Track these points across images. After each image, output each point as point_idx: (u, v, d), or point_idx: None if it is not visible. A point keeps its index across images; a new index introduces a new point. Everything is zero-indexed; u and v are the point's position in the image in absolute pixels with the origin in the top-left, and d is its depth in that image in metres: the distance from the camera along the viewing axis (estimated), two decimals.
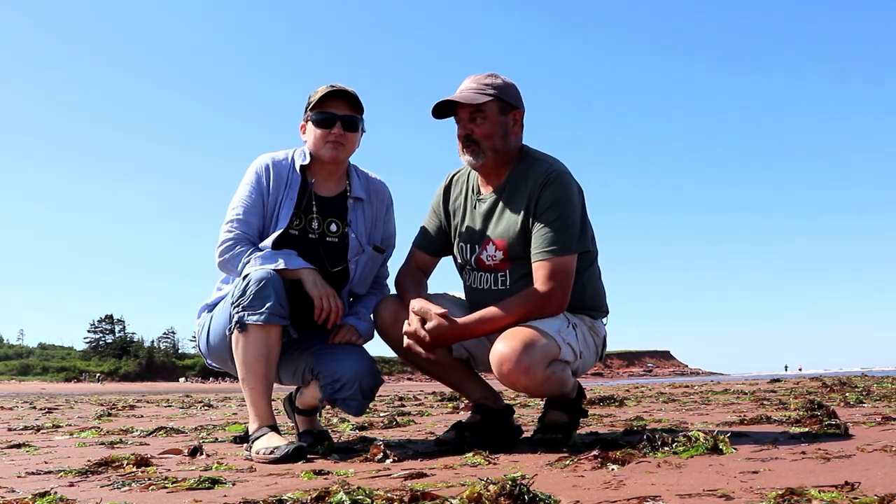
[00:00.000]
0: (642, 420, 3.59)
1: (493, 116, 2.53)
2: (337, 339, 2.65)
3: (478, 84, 2.55)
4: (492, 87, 2.53)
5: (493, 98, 2.52)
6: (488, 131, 2.52)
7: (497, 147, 2.54)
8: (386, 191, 2.85)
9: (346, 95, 2.63)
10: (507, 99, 2.56)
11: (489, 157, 2.54)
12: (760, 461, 1.95)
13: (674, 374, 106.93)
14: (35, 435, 4.01)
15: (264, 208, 2.64)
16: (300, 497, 1.55)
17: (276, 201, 2.64)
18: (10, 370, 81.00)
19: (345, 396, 2.57)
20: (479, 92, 2.52)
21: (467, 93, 2.53)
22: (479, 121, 2.52)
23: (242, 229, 2.61)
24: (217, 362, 2.72)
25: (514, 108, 2.58)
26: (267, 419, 2.49)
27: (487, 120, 2.52)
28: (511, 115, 2.58)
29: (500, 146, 2.55)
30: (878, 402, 4.37)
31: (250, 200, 2.63)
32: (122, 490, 1.90)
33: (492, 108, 2.53)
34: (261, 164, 2.68)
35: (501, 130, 2.55)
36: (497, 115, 2.54)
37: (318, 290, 2.52)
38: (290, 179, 2.67)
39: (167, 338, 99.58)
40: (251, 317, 2.42)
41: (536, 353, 2.32)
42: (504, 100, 2.55)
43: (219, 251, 2.61)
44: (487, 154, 2.53)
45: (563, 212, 2.48)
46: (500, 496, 1.44)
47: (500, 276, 2.59)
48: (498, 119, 2.54)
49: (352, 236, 2.72)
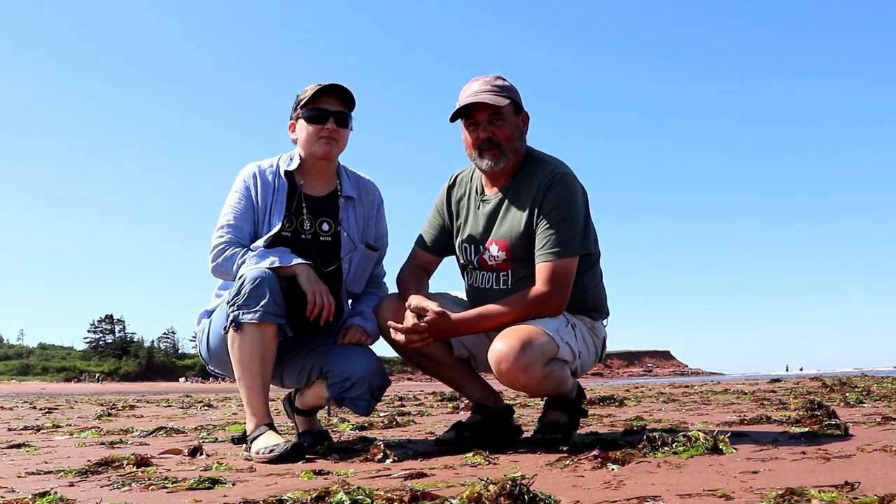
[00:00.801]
0: (642, 420, 3.59)
1: (511, 118, 2.54)
2: (346, 339, 2.65)
3: (491, 86, 2.53)
4: (505, 90, 2.54)
5: (510, 101, 2.53)
6: (509, 133, 2.52)
7: (517, 149, 2.55)
8: (376, 191, 2.86)
9: (337, 92, 2.64)
10: (519, 101, 2.58)
11: (511, 160, 2.54)
12: (760, 461, 1.95)
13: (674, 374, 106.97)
14: (35, 435, 4.01)
15: (255, 214, 2.65)
16: (300, 497, 1.55)
17: (265, 207, 2.65)
18: (10, 370, 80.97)
19: (354, 396, 2.57)
20: (496, 94, 2.51)
21: (487, 95, 2.50)
22: (498, 123, 2.52)
23: (234, 234, 2.62)
24: (219, 367, 2.71)
25: (522, 110, 2.60)
26: (264, 418, 2.49)
27: (506, 122, 2.52)
28: (521, 116, 2.59)
29: (519, 148, 2.56)
30: (878, 402, 4.38)
31: (240, 206, 2.65)
32: (122, 490, 1.90)
33: (509, 110, 2.53)
34: (248, 172, 2.70)
35: (518, 132, 2.56)
36: (513, 118, 2.55)
37: (312, 285, 2.51)
38: (277, 185, 2.68)
39: (167, 338, 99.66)
40: (246, 315, 2.42)
41: (534, 352, 2.32)
42: (517, 102, 2.56)
43: (211, 256, 2.62)
44: (510, 156, 2.53)
45: (567, 214, 2.48)
46: (500, 496, 1.44)
47: (503, 276, 2.59)
48: (514, 121, 2.55)
49: (344, 234, 2.72)
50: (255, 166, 2.72)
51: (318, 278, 2.56)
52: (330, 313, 2.53)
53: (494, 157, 2.53)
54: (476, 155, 2.56)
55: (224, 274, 2.64)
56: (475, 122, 2.53)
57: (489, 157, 2.53)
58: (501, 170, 2.57)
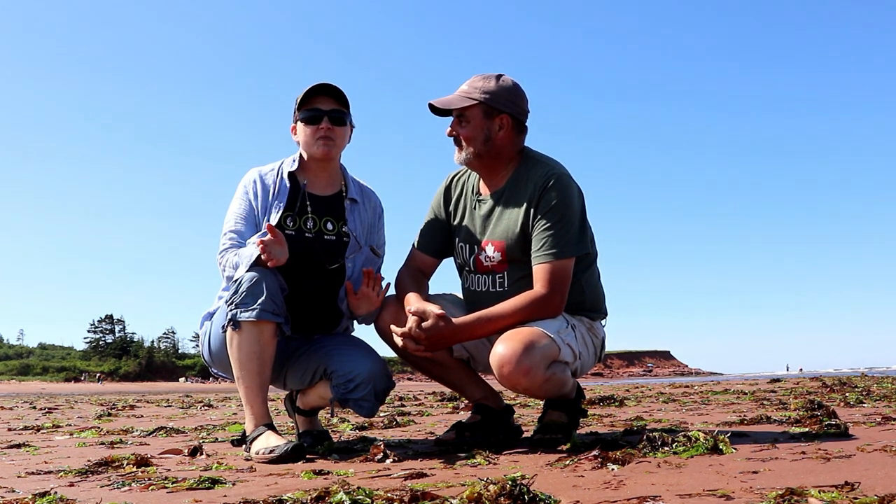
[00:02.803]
0: (642, 420, 3.59)
1: (476, 121, 2.56)
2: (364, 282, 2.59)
3: (469, 87, 2.58)
4: (481, 91, 2.55)
5: (478, 103, 2.54)
6: (469, 134, 2.56)
7: (479, 151, 2.57)
8: (378, 200, 2.88)
9: (330, 91, 2.66)
10: (494, 104, 2.56)
11: (472, 159, 2.59)
12: (760, 461, 1.96)
13: (674, 374, 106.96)
14: (35, 435, 4.01)
15: (256, 218, 2.67)
16: (300, 497, 1.55)
17: (265, 209, 2.67)
18: (10, 370, 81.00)
19: (358, 397, 2.57)
20: (466, 96, 2.56)
21: (454, 96, 2.58)
22: (463, 123, 2.57)
23: (237, 238, 2.64)
24: (221, 369, 2.71)
25: (500, 113, 2.57)
26: (263, 418, 2.49)
27: (470, 124, 2.56)
28: (497, 119, 2.57)
29: (483, 150, 2.57)
30: (878, 402, 4.38)
31: (241, 211, 2.67)
32: (122, 490, 1.90)
33: (475, 112, 2.56)
34: (249, 179, 2.72)
35: (483, 135, 2.56)
36: (481, 120, 2.56)
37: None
38: (279, 188, 2.69)
39: (167, 338, 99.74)
40: (243, 313, 2.43)
41: (537, 355, 2.32)
42: (490, 105, 2.55)
43: (217, 261, 2.67)
44: (470, 155, 2.58)
45: (564, 215, 2.48)
46: (500, 496, 1.44)
47: (498, 278, 2.59)
48: (481, 123, 2.56)
49: (351, 234, 2.73)
50: (255, 172, 2.74)
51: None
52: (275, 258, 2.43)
53: (459, 152, 2.61)
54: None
55: (228, 277, 2.66)
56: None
57: (457, 151, 2.61)
58: (493, 170, 2.61)
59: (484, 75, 2.59)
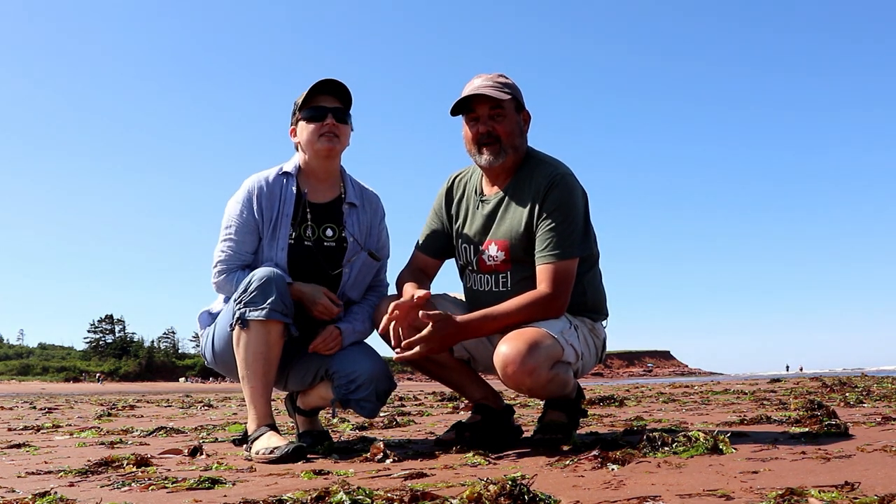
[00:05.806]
0: (642, 420, 3.59)
1: (511, 115, 2.54)
2: (313, 346, 2.58)
3: (493, 82, 2.54)
4: (507, 87, 2.54)
5: (512, 97, 2.53)
6: (509, 129, 2.52)
7: (516, 145, 2.55)
8: (379, 202, 2.86)
9: (333, 90, 2.65)
10: (520, 99, 2.58)
11: (510, 156, 2.53)
12: (760, 461, 1.95)
13: (674, 374, 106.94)
14: (35, 435, 4.02)
15: (258, 227, 2.64)
16: (300, 497, 1.55)
17: (271, 220, 2.63)
18: (10, 370, 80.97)
19: (359, 398, 2.57)
20: (498, 89, 2.51)
21: (489, 89, 2.50)
22: (499, 118, 2.51)
23: (235, 250, 2.63)
24: (224, 370, 2.70)
25: (524, 109, 2.60)
26: (266, 418, 2.49)
27: (507, 118, 2.52)
28: (522, 115, 2.59)
29: (519, 145, 2.56)
30: (878, 402, 4.38)
31: (241, 219, 2.64)
32: (122, 490, 1.90)
33: (510, 106, 2.54)
34: (252, 184, 2.67)
35: (518, 129, 2.56)
36: (514, 114, 2.55)
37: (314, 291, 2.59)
38: (285, 195, 2.67)
39: (167, 338, 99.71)
40: (252, 312, 2.42)
41: (541, 355, 2.32)
42: (518, 100, 2.57)
43: (213, 273, 2.66)
44: (508, 152, 2.53)
45: (568, 215, 2.48)
46: (500, 496, 1.44)
47: (501, 278, 2.59)
48: (515, 118, 2.55)
49: (350, 239, 2.72)
50: (259, 178, 2.69)
51: (317, 286, 2.60)
52: (334, 312, 2.58)
53: (494, 152, 2.52)
54: (475, 150, 2.55)
55: (224, 292, 2.68)
56: (475, 117, 2.53)
57: (488, 151, 2.52)
58: (500, 168, 2.57)
59: (494, 74, 2.58)
